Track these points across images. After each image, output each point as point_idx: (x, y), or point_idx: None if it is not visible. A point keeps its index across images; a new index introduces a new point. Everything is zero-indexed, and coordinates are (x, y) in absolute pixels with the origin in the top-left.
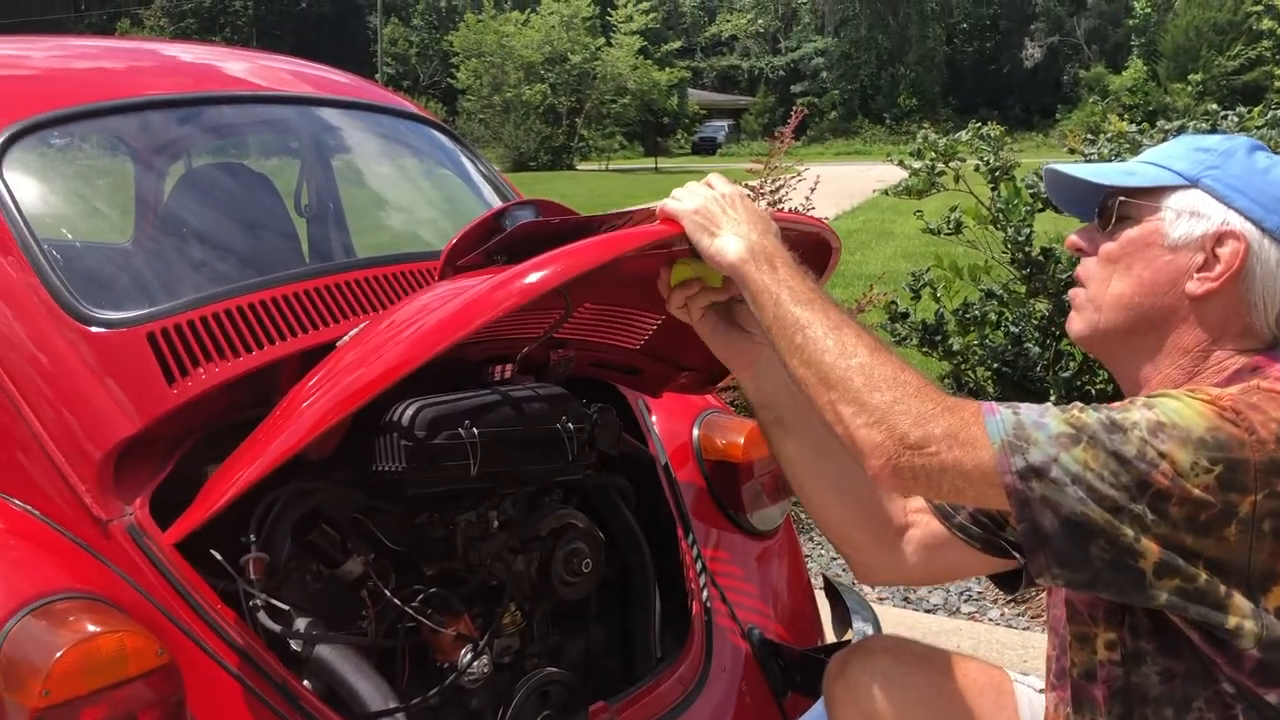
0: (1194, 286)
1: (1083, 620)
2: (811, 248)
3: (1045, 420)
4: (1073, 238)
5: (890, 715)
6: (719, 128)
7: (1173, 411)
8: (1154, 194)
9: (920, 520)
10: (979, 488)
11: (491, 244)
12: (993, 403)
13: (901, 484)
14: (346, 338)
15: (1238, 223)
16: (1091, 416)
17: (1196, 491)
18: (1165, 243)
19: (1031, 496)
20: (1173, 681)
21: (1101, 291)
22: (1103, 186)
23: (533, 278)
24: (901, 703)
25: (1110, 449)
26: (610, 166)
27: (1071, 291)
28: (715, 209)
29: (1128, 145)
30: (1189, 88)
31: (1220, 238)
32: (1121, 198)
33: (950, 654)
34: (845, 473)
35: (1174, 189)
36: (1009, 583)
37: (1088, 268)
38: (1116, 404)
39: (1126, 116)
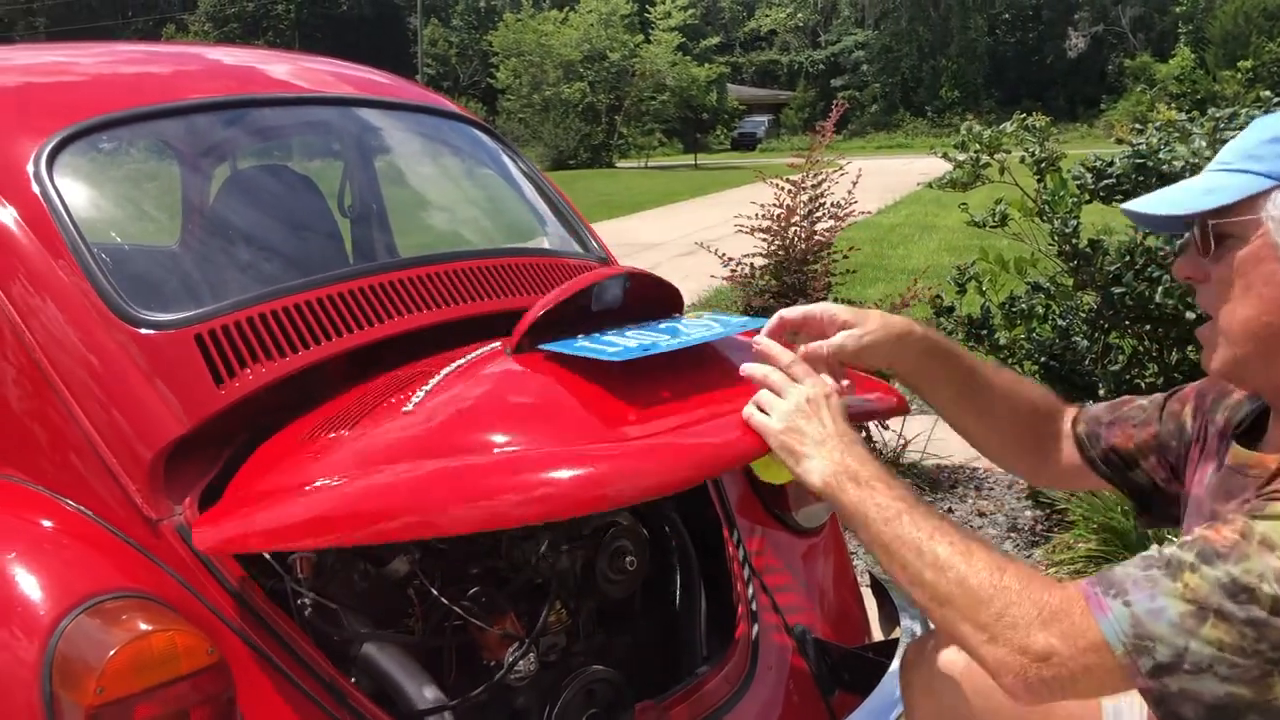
0: None
1: None
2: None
3: (1160, 604)
4: (1181, 269)
5: (966, 709)
6: (759, 123)
7: None
8: (1246, 205)
9: (1068, 443)
10: (1117, 686)
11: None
12: (1094, 589)
13: (1038, 698)
14: (411, 404)
15: None
16: (1208, 579)
17: None
18: (1278, 254)
19: (1168, 693)
20: None
21: (1230, 322)
22: (1189, 217)
23: (612, 489)
24: (979, 694)
25: (1243, 618)
26: (650, 164)
27: (1199, 330)
28: (801, 422)
29: (1177, 134)
30: (1238, 75)
31: None
32: (1213, 220)
33: None
34: (1014, 415)
35: (1267, 193)
36: (1145, 504)
37: (1206, 297)
38: (1223, 537)
39: (1174, 105)
